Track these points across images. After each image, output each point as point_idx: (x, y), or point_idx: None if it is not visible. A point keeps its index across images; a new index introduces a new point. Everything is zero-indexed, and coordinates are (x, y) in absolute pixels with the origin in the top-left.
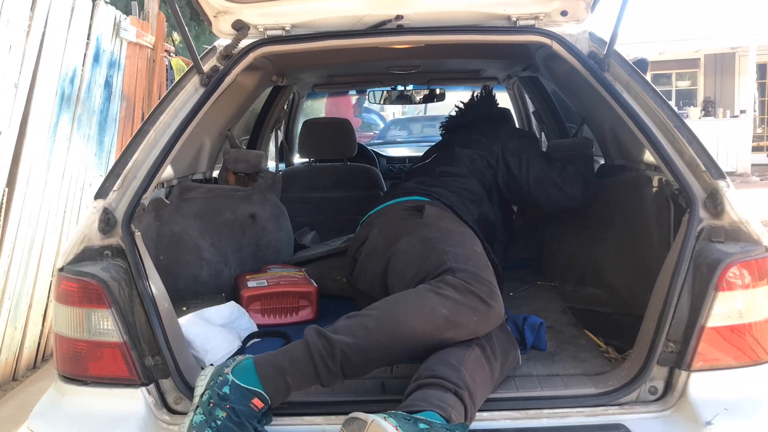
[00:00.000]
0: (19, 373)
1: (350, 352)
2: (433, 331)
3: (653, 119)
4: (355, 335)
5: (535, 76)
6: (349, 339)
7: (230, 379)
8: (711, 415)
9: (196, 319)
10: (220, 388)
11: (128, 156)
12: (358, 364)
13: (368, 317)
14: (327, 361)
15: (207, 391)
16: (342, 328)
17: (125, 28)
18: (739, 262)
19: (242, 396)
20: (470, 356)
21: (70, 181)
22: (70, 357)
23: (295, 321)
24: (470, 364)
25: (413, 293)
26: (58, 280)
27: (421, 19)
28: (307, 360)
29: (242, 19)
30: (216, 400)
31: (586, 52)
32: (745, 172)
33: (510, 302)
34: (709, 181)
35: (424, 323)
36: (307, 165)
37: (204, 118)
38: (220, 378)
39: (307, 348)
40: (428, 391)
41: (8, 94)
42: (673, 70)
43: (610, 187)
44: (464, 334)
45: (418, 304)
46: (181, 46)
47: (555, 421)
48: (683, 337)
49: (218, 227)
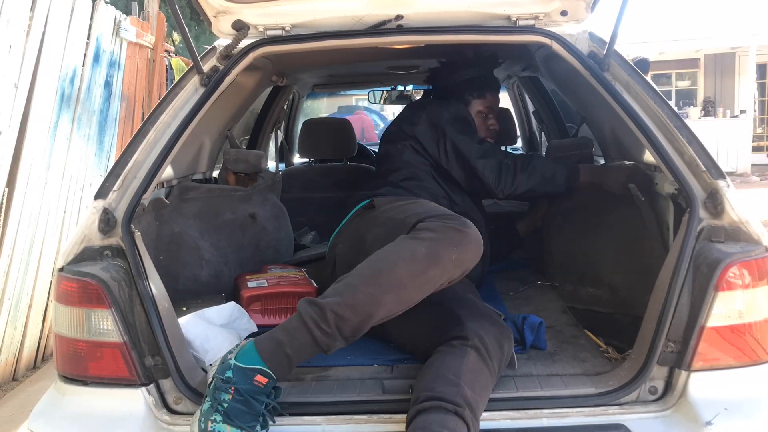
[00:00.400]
0: (19, 373)
1: (340, 310)
2: (416, 272)
3: (653, 119)
4: (342, 294)
5: (535, 76)
6: (336, 298)
7: (232, 363)
8: (711, 415)
9: (196, 320)
10: (223, 373)
11: (128, 156)
12: (352, 321)
13: (352, 275)
14: (321, 325)
15: (213, 380)
16: (330, 292)
17: (125, 28)
18: (739, 262)
19: (245, 376)
20: (467, 364)
21: (70, 181)
22: (70, 357)
23: None
24: (468, 374)
25: (390, 245)
26: (58, 280)
27: (421, 19)
28: (301, 328)
29: (242, 19)
30: (220, 384)
31: (586, 52)
32: (745, 172)
33: (510, 302)
34: (709, 181)
35: (406, 265)
36: (307, 165)
37: (204, 118)
38: (224, 365)
39: (299, 317)
40: (428, 416)
41: (8, 94)
42: (673, 70)
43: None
44: (451, 269)
45: (396, 250)
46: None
47: (555, 421)
48: (683, 337)
49: (218, 227)
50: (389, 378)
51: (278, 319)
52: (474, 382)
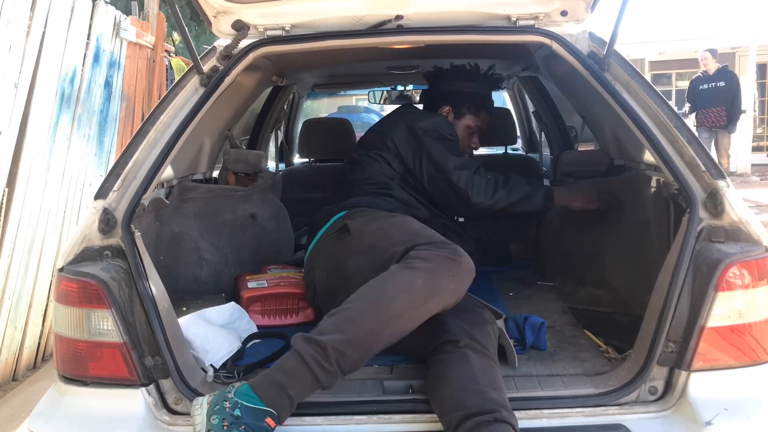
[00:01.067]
0: (19, 373)
1: (342, 348)
2: (416, 303)
3: (653, 119)
4: (343, 330)
5: (535, 76)
6: (337, 336)
7: (239, 402)
8: (711, 415)
9: (196, 320)
10: (232, 410)
11: (128, 156)
12: (353, 357)
13: (350, 310)
14: (323, 364)
15: (214, 416)
16: (327, 328)
17: (125, 28)
18: (739, 262)
19: (255, 416)
20: (475, 367)
21: (70, 181)
22: (70, 357)
23: (295, 322)
24: (481, 376)
25: (386, 275)
26: (58, 280)
27: (421, 19)
28: (302, 369)
29: (242, 19)
30: (230, 420)
31: (586, 52)
32: (745, 172)
33: (510, 302)
34: (709, 181)
35: (406, 297)
36: (307, 165)
37: (204, 118)
38: (227, 403)
39: (299, 357)
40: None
41: (8, 94)
42: (673, 70)
43: (610, 188)
44: (447, 298)
45: (394, 282)
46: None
47: (555, 421)
48: (683, 337)
49: (218, 227)
50: (389, 378)
51: (278, 320)
52: (490, 380)
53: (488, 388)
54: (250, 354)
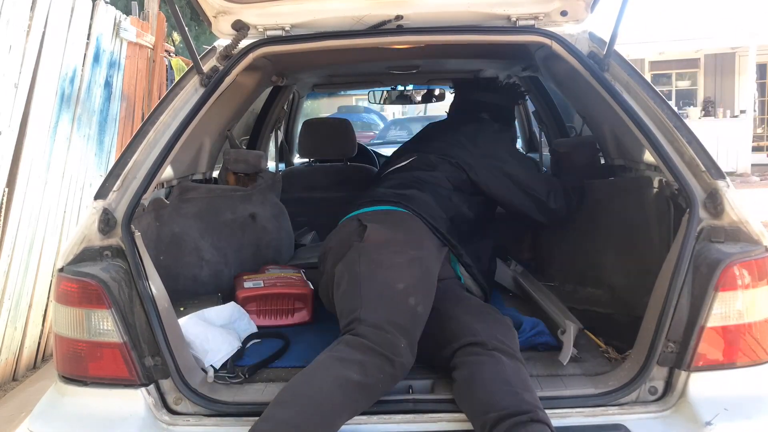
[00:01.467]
0: (19, 373)
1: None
2: (348, 402)
3: (653, 119)
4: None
5: (535, 76)
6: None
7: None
8: (711, 415)
9: (196, 320)
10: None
11: (128, 156)
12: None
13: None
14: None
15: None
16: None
17: (125, 28)
18: (739, 262)
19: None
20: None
21: (70, 181)
22: (70, 357)
23: (291, 323)
24: (514, 377)
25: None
26: (58, 280)
27: (421, 20)
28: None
29: (242, 19)
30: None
31: (585, 52)
32: (745, 172)
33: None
34: (709, 181)
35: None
36: (307, 165)
37: (204, 118)
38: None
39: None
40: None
41: (8, 94)
42: (673, 70)
43: (609, 188)
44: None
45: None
46: (181, 46)
47: (555, 422)
48: (683, 337)
49: (218, 227)
50: None
51: (273, 321)
52: (523, 382)
53: (521, 390)
54: (250, 354)
